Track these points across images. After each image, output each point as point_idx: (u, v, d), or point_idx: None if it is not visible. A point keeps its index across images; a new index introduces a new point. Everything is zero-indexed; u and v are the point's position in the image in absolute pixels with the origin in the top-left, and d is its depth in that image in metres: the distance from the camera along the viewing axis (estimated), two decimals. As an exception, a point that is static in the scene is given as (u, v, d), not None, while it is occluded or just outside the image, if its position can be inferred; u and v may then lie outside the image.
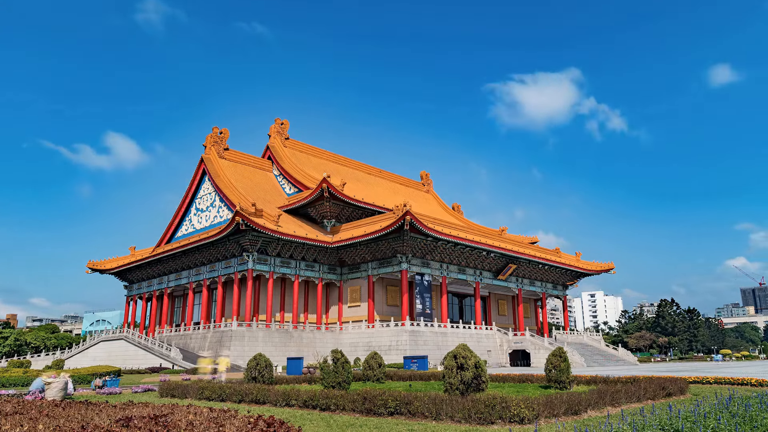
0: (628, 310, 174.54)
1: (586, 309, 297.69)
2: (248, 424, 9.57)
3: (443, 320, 68.71)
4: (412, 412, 14.06)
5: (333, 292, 75.40)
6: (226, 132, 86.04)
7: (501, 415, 12.79)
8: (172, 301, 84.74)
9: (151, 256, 78.75)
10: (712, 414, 10.71)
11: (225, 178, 78.04)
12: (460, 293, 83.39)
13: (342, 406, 15.63)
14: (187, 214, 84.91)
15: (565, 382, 21.14)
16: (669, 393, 18.62)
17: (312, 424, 13.31)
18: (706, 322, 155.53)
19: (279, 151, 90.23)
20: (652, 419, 10.23)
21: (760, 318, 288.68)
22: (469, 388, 16.65)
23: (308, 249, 70.03)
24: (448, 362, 17.12)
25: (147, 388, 25.63)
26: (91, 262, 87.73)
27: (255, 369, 25.05)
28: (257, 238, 64.19)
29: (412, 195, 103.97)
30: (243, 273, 66.36)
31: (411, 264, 67.52)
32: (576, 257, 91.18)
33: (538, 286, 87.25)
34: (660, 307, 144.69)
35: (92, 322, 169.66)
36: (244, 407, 17.14)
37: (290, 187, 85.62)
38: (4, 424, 9.52)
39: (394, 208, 64.57)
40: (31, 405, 13.86)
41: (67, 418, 10.81)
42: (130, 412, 11.92)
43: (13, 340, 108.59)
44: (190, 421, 9.87)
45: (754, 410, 11.11)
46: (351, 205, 75.73)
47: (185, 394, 21.27)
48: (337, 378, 21.52)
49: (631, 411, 14.50)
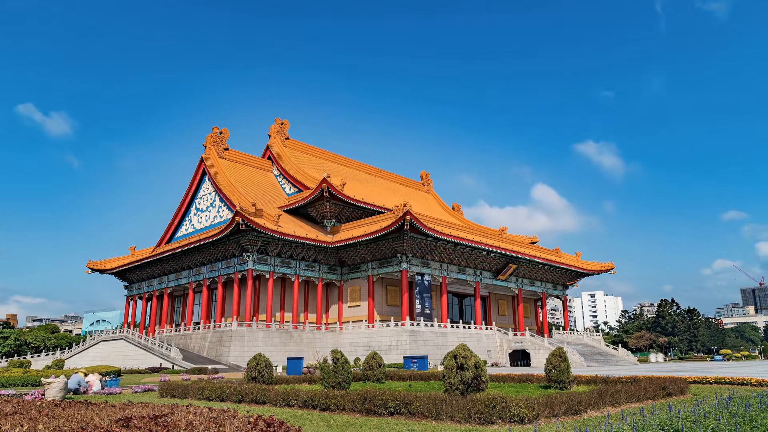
0: (628, 310, 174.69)
1: (586, 309, 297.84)
2: (248, 424, 9.57)
3: (443, 320, 68.72)
4: (412, 412, 14.06)
5: (333, 292, 75.42)
6: (226, 132, 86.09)
7: (501, 415, 12.79)
8: (172, 301, 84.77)
9: (151, 256, 78.78)
10: (712, 414, 10.71)
11: (225, 178, 78.07)
12: (460, 293, 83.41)
13: (342, 406, 15.63)
14: (187, 214, 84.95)
15: (565, 382, 21.14)
16: (669, 393, 18.62)
17: (312, 424, 13.31)
18: (706, 322, 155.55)
19: (279, 151, 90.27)
20: (652, 419, 10.22)
21: (760, 318, 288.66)
22: (469, 388, 16.66)
23: (308, 249, 70.04)
24: (448, 362, 17.12)
25: (147, 388, 25.62)
26: (91, 262, 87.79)
27: (255, 369, 25.06)
28: (257, 238, 64.21)
29: (412, 195, 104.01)
30: (243, 273, 66.38)
31: (411, 264, 67.52)
32: (576, 257, 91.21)
33: (538, 286, 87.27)
34: (660, 307, 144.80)
35: (92, 322, 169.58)
36: (244, 407, 17.14)
37: (290, 187, 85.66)
38: (4, 424, 9.52)
39: (394, 208, 64.59)
40: (31, 405, 13.86)
41: (67, 418, 10.81)
42: (130, 412, 11.92)
43: (13, 340, 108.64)
44: (190, 421, 9.87)
45: (754, 410, 11.11)
46: (351, 205, 75.75)
47: (185, 394, 21.26)
48: (337, 378, 21.52)
49: (631, 411, 14.50)
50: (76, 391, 23.22)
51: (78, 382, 23.45)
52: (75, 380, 23.47)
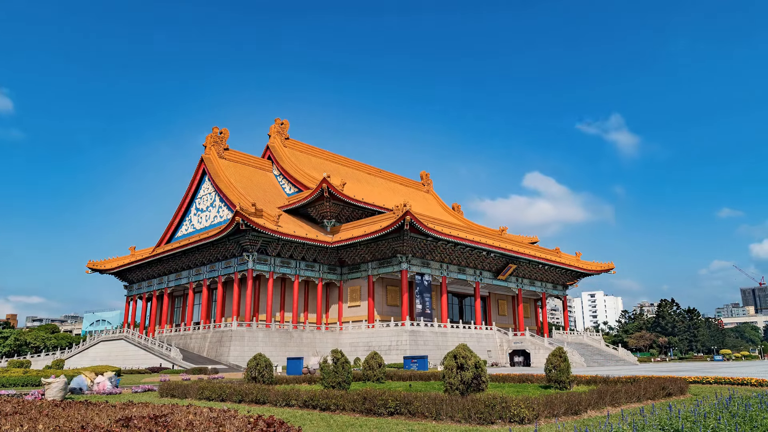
0: (628, 310, 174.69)
1: (586, 309, 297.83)
2: (248, 424, 9.57)
3: (443, 320, 68.73)
4: (412, 412, 14.06)
5: (333, 292, 75.42)
6: (226, 132, 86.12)
7: (501, 415, 12.79)
8: (172, 301, 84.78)
9: (151, 256, 78.79)
10: (712, 414, 10.71)
11: (225, 178, 78.08)
12: (460, 293, 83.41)
13: (342, 406, 15.62)
14: (187, 214, 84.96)
15: (565, 382, 21.14)
16: (669, 393, 18.61)
17: (312, 424, 13.31)
18: (706, 322, 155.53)
19: (279, 151, 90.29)
20: (652, 419, 10.23)
21: (760, 318, 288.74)
22: (469, 388, 16.65)
23: (308, 249, 70.05)
24: (448, 362, 17.12)
25: (147, 388, 25.61)
26: (91, 262, 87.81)
27: (255, 369, 25.05)
28: (257, 238, 64.21)
29: (412, 195, 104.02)
30: (243, 273, 66.39)
31: (411, 264, 67.53)
32: (576, 257, 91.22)
33: (538, 286, 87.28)
34: (660, 307, 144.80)
35: (92, 322, 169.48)
36: (244, 407, 17.14)
37: (290, 187, 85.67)
38: (4, 424, 9.52)
39: (394, 208, 64.60)
40: (31, 405, 13.86)
41: (67, 418, 10.81)
42: (130, 412, 11.92)
43: (13, 340, 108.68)
44: (190, 421, 9.87)
45: (754, 410, 11.11)
46: (351, 205, 75.76)
47: (185, 394, 21.26)
48: (337, 378, 21.52)
49: (631, 411, 14.50)
50: (79, 391, 23.32)
51: (79, 384, 23.53)
52: (77, 382, 23.59)
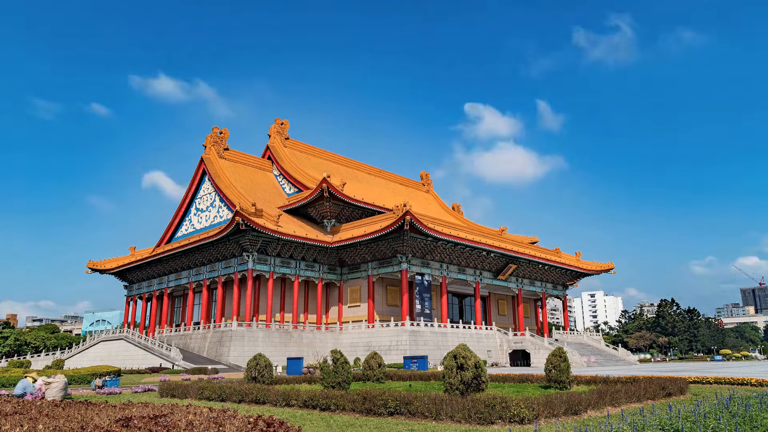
0: (628, 310, 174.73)
1: (586, 309, 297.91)
2: (248, 424, 9.56)
3: (443, 320, 68.71)
4: (412, 412, 14.06)
5: (333, 292, 75.41)
6: (226, 132, 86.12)
7: (501, 415, 12.80)
8: (172, 301, 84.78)
9: (151, 256, 78.78)
10: (712, 414, 10.71)
11: (225, 178, 78.08)
12: (460, 293, 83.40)
13: (342, 406, 15.63)
14: (187, 214, 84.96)
15: (565, 382, 21.15)
16: (669, 393, 18.63)
17: (312, 424, 13.31)
18: (706, 322, 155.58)
19: (279, 151, 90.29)
20: (652, 419, 10.22)
21: (760, 318, 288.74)
22: (469, 388, 16.66)
23: (308, 249, 70.04)
24: (448, 362, 17.12)
25: (147, 388, 25.62)
26: (91, 262, 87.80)
27: (255, 369, 25.05)
28: (257, 238, 64.21)
29: (412, 195, 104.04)
30: (243, 273, 66.38)
31: (411, 264, 67.52)
32: (576, 257, 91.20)
33: (538, 286, 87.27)
34: (660, 307, 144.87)
35: (92, 322, 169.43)
36: (244, 407, 17.14)
37: (290, 187, 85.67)
38: (4, 424, 9.52)
39: (394, 208, 64.59)
40: (31, 405, 13.86)
41: (67, 418, 10.81)
42: (130, 412, 11.92)
43: (13, 340, 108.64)
44: (190, 421, 9.86)
45: (754, 410, 11.11)
46: (351, 205, 75.75)
47: (185, 394, 21.26)
48: (337, 378, 21.52)
49: (631, 411, 14.50)
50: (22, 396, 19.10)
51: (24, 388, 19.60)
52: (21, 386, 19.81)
